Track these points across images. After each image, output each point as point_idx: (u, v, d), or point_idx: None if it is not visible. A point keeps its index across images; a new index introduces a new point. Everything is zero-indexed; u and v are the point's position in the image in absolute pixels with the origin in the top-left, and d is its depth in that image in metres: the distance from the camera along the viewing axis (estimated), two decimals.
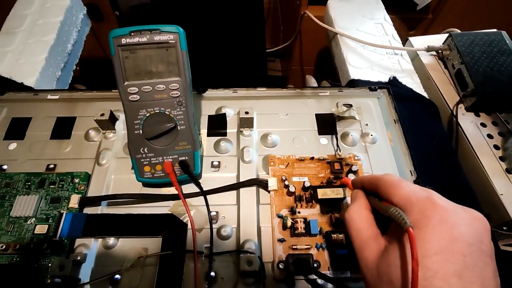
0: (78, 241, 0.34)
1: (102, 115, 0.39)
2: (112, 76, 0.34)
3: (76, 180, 0.37)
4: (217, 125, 0.43)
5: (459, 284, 0.18)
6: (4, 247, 0.32)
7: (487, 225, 0.21)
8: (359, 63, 0.53)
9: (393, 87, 0.47)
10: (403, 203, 0.22)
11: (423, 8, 0.78)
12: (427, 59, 0.55)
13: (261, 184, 0.37)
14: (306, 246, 0.33)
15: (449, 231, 0.19)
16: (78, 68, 0.61)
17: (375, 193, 0.26)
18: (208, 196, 0.35)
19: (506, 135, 0.45)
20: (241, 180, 0.37)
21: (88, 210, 0.36)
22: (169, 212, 0.36)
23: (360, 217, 0.25)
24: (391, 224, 0.23)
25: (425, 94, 0.49)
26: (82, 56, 0.62)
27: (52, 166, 0.39)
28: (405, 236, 0.20)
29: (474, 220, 0.21)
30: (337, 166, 0.37)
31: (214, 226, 0.35)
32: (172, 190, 0.37)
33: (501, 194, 0.40)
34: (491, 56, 0.48)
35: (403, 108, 0.44)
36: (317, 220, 0.34)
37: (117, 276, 0.32)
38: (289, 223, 0.34)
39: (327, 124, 0.43)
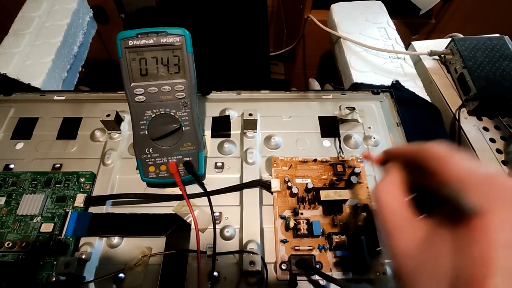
0: (83, 240, 0.34)
1: (108, 115, 0.39)
2: (116, 77, 0.34)
3: (82, 180, 0.37)
4: (221, 126, 0.43)
5: None
6: (10, 244, 0.33)
7: None
8: (362, 66, 0.53)
9: (396, 90, 0.47)
10: (461, 182, 0.18)
11: (426, 12, 0.79)
12: (429, 63, 0.55)
13: (264, 185, 0.37)
14: (308, 247, 0.33)
15: None
16: (83, 69, 0.61)
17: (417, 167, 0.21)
18: (211, 197, 0.36)
19: (508, 139, 0.45)
20: (245, 181, 0.38)
21: (93, 209, 0.36)
22: (173, 212, 0.36)
23: (392, 196, 0.21)
24: (442, 206, 0.19)
25: (427, 98, 0.49)
26: (87, 58, 0.63)
27: (58, 165, 0.39)
28: (464, 223, 0.17)
29: None
30: (339, 168, 0.38)
31: (217, 226, 0.35)
32: (176, 190, 0.38)
33: None
34: (494, 61, 0.48)
35: (406, 112, 0.44)
36: (320, 221, 0.34)
37: (121, 274, 0.32)
38: (291, 224, 0.34)
39: (330, 127, 0.43)
